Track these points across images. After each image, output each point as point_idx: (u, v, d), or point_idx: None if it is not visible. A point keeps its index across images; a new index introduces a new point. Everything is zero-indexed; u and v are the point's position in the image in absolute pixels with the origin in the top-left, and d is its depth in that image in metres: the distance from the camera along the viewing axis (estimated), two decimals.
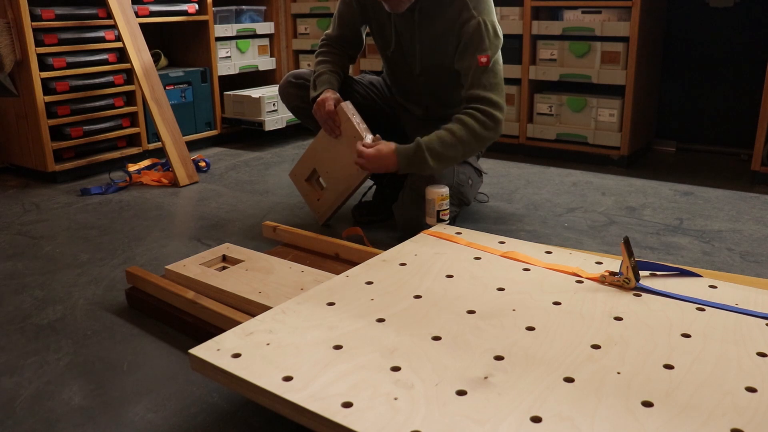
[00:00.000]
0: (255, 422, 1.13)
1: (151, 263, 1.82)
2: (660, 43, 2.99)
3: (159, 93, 2.72)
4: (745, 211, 2.18)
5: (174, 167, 2.63)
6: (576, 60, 2.80)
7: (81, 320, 1.51)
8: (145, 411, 1.17)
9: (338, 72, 2.03)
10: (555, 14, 2.87)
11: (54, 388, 1.24)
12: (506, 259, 1.41)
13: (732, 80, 2.93)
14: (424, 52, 1.93)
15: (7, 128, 2.72)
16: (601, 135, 2.80)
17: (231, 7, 3.33)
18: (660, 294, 1.22)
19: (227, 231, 2.08)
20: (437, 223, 1.76)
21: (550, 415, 0.86)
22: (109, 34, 2.75)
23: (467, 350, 1.03)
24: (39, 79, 2.52)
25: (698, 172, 2.72)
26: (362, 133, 1.86)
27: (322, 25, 3.52)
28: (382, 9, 1.92)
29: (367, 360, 1.01)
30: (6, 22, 2.44)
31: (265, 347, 1.05)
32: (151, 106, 2.67)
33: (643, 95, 2.85)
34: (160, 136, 2.65)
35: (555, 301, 1.21)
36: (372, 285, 1.28)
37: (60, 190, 2.57)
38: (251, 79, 3.56)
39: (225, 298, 1.43)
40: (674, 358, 1.00)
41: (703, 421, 0.85)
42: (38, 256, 1.91)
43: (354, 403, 0.89)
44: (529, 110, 2.97)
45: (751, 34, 2.84)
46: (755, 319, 1.13)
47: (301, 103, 2.08)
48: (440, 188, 1.77)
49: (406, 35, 1.94)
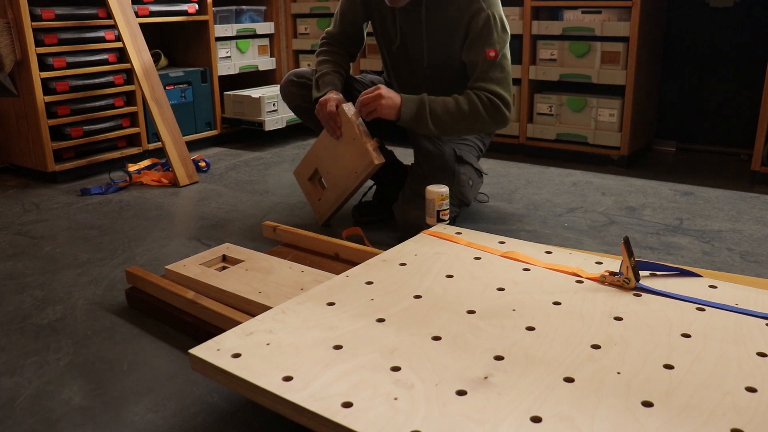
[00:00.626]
0: (255, 422, 1.13)
1: (151, 263, 1.83)
2: (660, 43, 2.99)
3: (159, 93, 2.72)
4: (745, 211, 2.18)
5: (174, 167, 2.63)
6: (576, 60, 2.80)
7: (81, 320, 1.51)
8: (145, 411, 1.17)
9: (341, 72, 2.03)
10: (555, 14, 2.87)
11: (54, 388, 1.24)
12: (506, 259, 1.41)
13: (732, 80, 2.93)
14: (431, 46, 1.92)
15: (7, 128, 2.72)
16: (601, 135, 2.80)
17: (231, 7, 3.33)
18: (660, 294, 1.22)
19: (227, 231, 2.08)
20: (437, 223, 1.76)
21: (550, 415, 0.86)
22: (109, 34, 2.75)
23: (467, 350, 1.03)
24: (39, 79, 2.52)
25: (698, 172, 2.72)
26: (362, 137, 1.86)
27: (322, 25, 3.52)
28: (385, 4, 1.92)
29: (367, 360, 1.01)
30: (6, 22, 2.44)
31: (265, 347, 1.05)
32: (151, 106, 2.67)
33: (643, 95, 2.85)
34: (160, 136, 2.66)
35: (555, 301, 1.21)
36: (372, 285, 1.28)
37: (60, 190, 2.57)
38: (251, 79, 3.56)
39: (225, 298, 1.43)
40: (674, 358, 1.00)
41: (703, 421, 0.85)
42: (38, 256, 1.91)
43: (354, 403, 0.89)
44: (529, 110, 2.97)
45: (751, 34, 2.84)
46: (755, 319, 1.13)
47: (302, 102, 2.08)
48: (440, 188, 1.77)
49: (411, 30, 1.94)
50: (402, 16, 1.93)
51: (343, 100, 1.91)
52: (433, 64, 1.96)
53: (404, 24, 1.95)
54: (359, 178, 1.93)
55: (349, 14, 2.06)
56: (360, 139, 1.85)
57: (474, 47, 1.81)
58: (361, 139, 1.85)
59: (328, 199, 2.05)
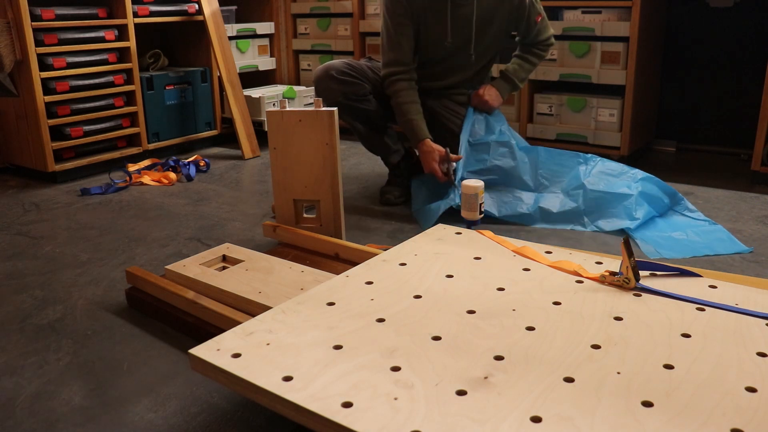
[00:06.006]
0: (255, 422, 1.13)
1: (151, 263, 1.83)
2: (660, 43, 2.99)
3: (233, 76, 3.15)
4: (745, 211, 2.18)
5: (240, 141, 3.09)
6: (576, 60, 2.80)
7: (81, 320, 1.51)
8: (145, 411, 1.17)
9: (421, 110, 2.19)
10: (555, 14, 2.87)
11: (54, 388, 1.24)
12: (506, 259, 1.41)
13: (732, 80, 2.93)
14: (479, 33, 2.16)
15: (7, 128, 2.72)
16: (601, 135, 2.80)
17: (231, 7, 3.33)
18: (660, 294, 1.22)
19: (227, 231, 2.08)
20: (480, 216, 1.98)
21: (550, 415, 0.86)
22: (109, 34, 2.75)
23: (467, 350, 1.03)
24: (39, 79, 2.52)
25: (698, 172, 2.72)
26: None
27: (322, 25, 3.52)
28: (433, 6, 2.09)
29: (367, 360, 1.01)
30: (6, 22, 2.44)
31: (265, 347, 1.05)
32: (227, 87, 3.11)
33: (643, 95, 2.85)
34: (232, 114, 3.11)
35: (555, 301, 1.21)
36: (372, 285, 1.28)
37: (60, 190, 2.57)
38: (251, 79, 3.56)
39: (225, 298, 1.43)
40: (674, 358, 1.00)
41: (703, 421, 0.85)
42: (38, 256, 1.91)
43: (354, 403, 0.89)
44: (529, 110, 2.97)
45: (751, 34, 2.84)
46: (755, 319, 1.13)
47: (344, 100, 2.12)
48: (477, 182, 1.98)
49: (462, 23, 2.13)
50: (454, 10, 2.10)
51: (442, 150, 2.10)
52: (478, 50, 2.19)
53: (456, 18, 2.11)
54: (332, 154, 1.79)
55: (405, 32, 2.11)
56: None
57: (527, 19, 2.19)
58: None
59: (328, 211, 1.84)
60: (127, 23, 2.78)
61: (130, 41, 2.80)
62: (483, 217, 2.01)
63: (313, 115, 1.77)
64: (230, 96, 3.10)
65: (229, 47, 3.15)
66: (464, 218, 2.00)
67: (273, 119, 1.80)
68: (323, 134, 1.77)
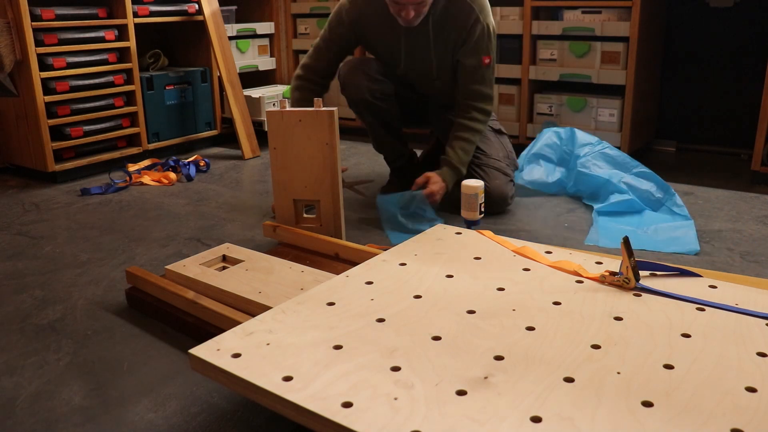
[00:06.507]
0: (255, 422, 1.13)
1: (151, 263, 1.83)
2: (660, 43, 2.99)
3: (233, 76, 3.16)
4: (745, 211, 2.18)
5: (240, 141, 3.09)
6: (576, 60, 2.80)
7: (81, 320, 1.51)
8: (145, 411, 1.17)
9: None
10: (555, 14, 2.87)
11: (54, 388, 1.24)
12: (506, 259, 1.41)
13: (732, 80, 2.93)
14: (439, 58, 2.08)
15: (7, 128, 2.72)
16: (601, 135, 2.79)
17: (231, 7, 3.33)
18: (660, 294, 1.22)
19: (227, 231, 2.08)
20: (480, 216, 1.98)
21: (550, 415, 0.86)
22: (109, 34, 2.75)
23: (467, 350, 1.03)
24: (39, 79, 2.52)
25: (698, 172, 2.72)
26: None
27: (322, 25, 3.51)
28: (388, 31, 2.04)
29: (367, 360, 1.01)
30: (6, 22, 2.44)
31: (265, 347, 1.05)
32: (227, 87, 3.10)
33: (643, 95, 2.85)
34: (232, 114, 3.10)
35: (555, 301, 1.21)
36: (372, 285, 1.28)
37: (60, 190, 2.57)
38: (251, 79, 3.56)
39: (225, 298, 1.43)
40: (674, 358, 1.00)
41: (703, 421, 0.85)
42: (38, 256, 1.91)
43: (354, 403, 0.89)
44: (529, 110, 2.97)
45: (751, 34, 2.84)
46: (755, 319, 1.13)
47: (371, 97, 2.13)
48: (477, 182, 1.98)
49: (418, 46, 2.07)
50: (408, 34, 2.05)
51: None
52: (440, 75, 2.12)
53: (409, 41, 2.06)
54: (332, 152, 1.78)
55: (333, 48, 2.14)
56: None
57: (473, 55, 2.04)
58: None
59: (328, 211, 1.84)
60: (127, 23, 2.78)
61: (130, 41, 2.80)
62: (483, 216, 2.01)
63: (313, 115, 1.77)
64: (230, 96, 3.10)
65: (229, 47, 3.15)
66: (464, 218, 2.00)
67: (273, 119, 1.81)
68: (323, 134, 1.77)
